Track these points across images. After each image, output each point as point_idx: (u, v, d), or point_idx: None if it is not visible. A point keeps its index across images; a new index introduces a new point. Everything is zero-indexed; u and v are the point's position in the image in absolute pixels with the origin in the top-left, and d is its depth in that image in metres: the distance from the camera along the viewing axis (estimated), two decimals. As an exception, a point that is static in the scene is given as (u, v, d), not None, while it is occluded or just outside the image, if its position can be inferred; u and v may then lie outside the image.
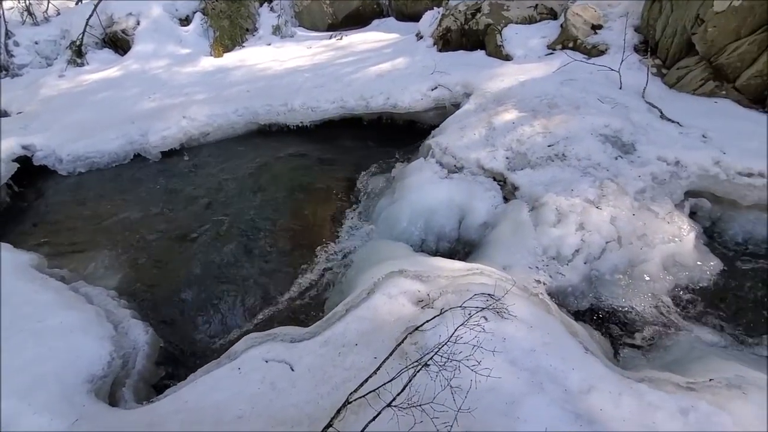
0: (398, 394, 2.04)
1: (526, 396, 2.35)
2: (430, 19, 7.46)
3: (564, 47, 6.35)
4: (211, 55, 8.89)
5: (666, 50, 5.84)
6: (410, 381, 2.10)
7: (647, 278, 3.88)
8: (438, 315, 2.84)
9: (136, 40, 9.41)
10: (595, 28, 6.29)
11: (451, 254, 4.54)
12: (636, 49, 6.07)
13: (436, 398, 2.07)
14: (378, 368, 2.28)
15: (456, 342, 2.46)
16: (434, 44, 7.28)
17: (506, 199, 4.69)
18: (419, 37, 7.66)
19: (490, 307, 2.93)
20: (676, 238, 4.05)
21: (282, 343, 3.05)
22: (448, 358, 2.23)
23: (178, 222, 5.30)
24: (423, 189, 4.79)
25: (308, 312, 3.94)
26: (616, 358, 3.39)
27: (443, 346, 2.29)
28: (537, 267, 3.91)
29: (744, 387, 2.69)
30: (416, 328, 2.65)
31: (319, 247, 4.71)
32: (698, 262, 4.01)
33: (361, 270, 3.96)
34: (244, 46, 9.40)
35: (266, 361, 2.81)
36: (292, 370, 2.74)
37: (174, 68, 8.56)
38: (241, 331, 3.74)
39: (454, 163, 5.17)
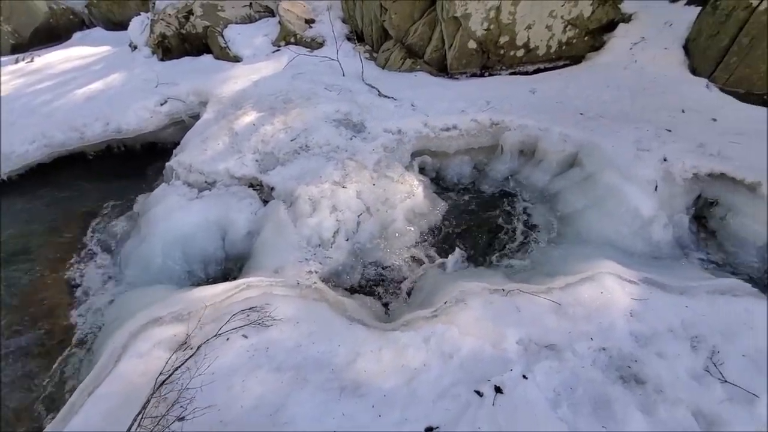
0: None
1: (290, 396, 2.37)
2: (139, 27, 6.62)
3: (287, 43, 6.59)
4: None
5: (370, 37, 6.72)
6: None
7: (398, 235, 4.47)
8: (192, 355, 2.58)
9: None
10: (309, 22, 6.73)
11: (225, 275, 4.27)
12: (348, 38, 6.78)
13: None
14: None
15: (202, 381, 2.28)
16: (153, 53, 6.52)
17: (266, 202, 4.64)
18: (133, 47, 6.73)
19: (251, 323, 2.84)
20: (411, 194, 4.77)
21: (-10, 481, 2.28)
22: (165, 406, 2.03)
23: None
24: (172, 217, 4.30)
25: (49, 417, 3.08)
26: (387, 314, 3.82)
27: (164, 395, 2.06)
28: (306, 259, 4.02)
29: (466, 299, 3.38)
30: (161, 384, 2.34)
31: (54, 330, 3.73)
32: (431, 208, 4.85)
33: (109, 335, 3.31)
34: None
35: None
36: None
37: None
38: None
39: (203, 180, 4.81)
